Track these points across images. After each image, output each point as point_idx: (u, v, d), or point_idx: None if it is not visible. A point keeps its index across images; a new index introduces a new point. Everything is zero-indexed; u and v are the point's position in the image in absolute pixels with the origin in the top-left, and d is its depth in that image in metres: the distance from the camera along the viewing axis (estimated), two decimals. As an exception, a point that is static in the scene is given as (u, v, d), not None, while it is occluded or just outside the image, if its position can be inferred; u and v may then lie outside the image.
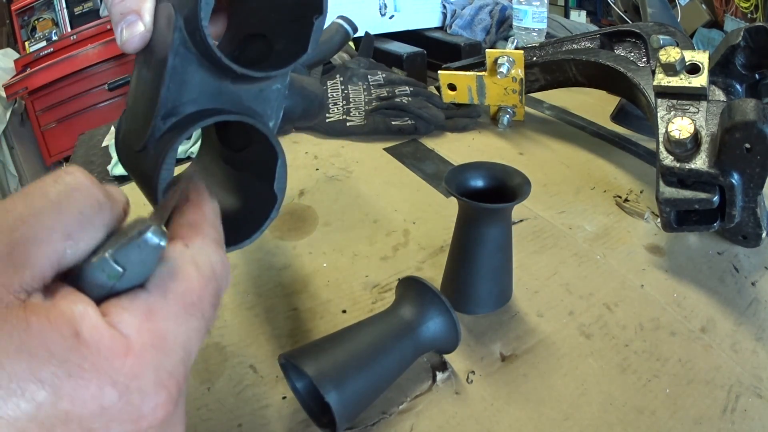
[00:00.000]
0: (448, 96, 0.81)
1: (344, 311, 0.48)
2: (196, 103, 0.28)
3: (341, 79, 0.88)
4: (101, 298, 0.20)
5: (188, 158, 0.75)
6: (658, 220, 0.55)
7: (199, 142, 0.76)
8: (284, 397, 0.40)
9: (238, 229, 0.32)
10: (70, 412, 0.17)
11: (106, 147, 0.85)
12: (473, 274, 0.46)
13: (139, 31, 0.28)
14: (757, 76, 0.57)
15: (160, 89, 0.27)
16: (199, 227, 0.23)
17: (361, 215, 0.61)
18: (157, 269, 0.21)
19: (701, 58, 0.54)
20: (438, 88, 0.82)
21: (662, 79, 0.54)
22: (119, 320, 0.19)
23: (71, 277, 0.20)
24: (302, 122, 0.43)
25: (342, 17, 0.53)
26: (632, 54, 0.67)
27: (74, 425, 0.17)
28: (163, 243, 0.20)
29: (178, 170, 0.27)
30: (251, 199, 0.32)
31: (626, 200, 0.64)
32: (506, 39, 1.07)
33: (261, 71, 0.29)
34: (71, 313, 0.18)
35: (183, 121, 0.28)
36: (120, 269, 0.19)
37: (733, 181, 0.47)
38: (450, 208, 0.62)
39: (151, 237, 0.19)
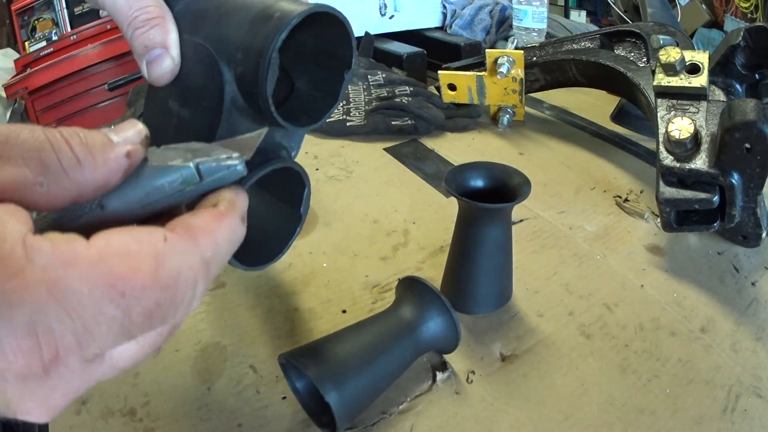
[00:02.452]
0: (448, 96, 0.81)
1: (344, 311, 0.48)
2: None
3: (341, 79, 0.88)
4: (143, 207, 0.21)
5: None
6: (658, 220, 0.55)
7: None
8: (284, 397, 0.40)
9: (261, 248, 0.33)
10: None
11: (106, 147, 0.85)
12: (473, 274, 0.46)
13: (168, 66, 0.27)
14: (757, 76, 0.57)
15: (214, 138, 0.28)
16: (201, 235, 0.21)
17: (361, 215, 0.61)
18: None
19: (701, 58, 0.54)
20: (438, 88, 0.82)
21: (662, 79, 0.54)
22: (38, 245, 0.17)
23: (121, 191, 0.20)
24: None
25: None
26: (632, 54, 0.67)
27: None
28: (244, 173, 0.22)
29: None
30: (275, 219, 0.34)
31: (626, 200, 0.64)
32: (506, 39, 1.07)
33: (305, 125, 0.31)
34: None
35: None
36: (198, 179, 0.21)
37: (733, 181, 0.47)
38: (450, 208, 0.62)
39: (241, 168, 0.22)
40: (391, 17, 1.12)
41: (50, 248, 0.17)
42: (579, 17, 2.71)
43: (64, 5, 2.68)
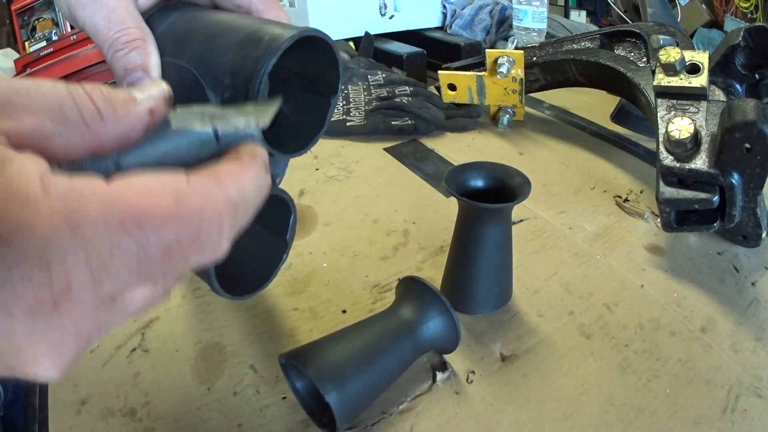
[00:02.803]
0: (448, 96, 0.81)
1: (344, 311, 0.48)
2: None
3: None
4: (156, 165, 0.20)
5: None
6: (658, 220, 0.55)
7: None
8: (284, 397, 0.40)
9: (248, 277, 0.33)
10: None
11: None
12: (473, 274, 0.46)
13: None
14: (757, 76, 0.57)
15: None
16: (226, 179, 0.21)
17: (361, 215, 0.61)
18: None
19: (701, 58, 0.54)
20: (438, 88, 0.82)
21: (662, 79, 0.54)
22: (55, 179, 0.17)
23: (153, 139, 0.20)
24: None
25: None
26: (632, 54, 0.67)
27: None
28: (260, 140, 0.23)
29: None
30: (261, 247, 0.33)
31: (626, 200, 0.64)
32: (506, 39, 1.07)
33: (292, 152, 0.31)
34: (13, 152, 0.17)
35: None
36: (215, 143, 0.22)
37: (733, 181, 0.47)
38: (450, 208, 0.62)
39: (257, 135, 0.23)
40: (391, 17, 1.12)
41: (67, 182, 0.17)
42: (579, 17, 2.71)
43: (64, 5, 2.68)
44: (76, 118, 0.19)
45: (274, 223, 0.33)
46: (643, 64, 0.64)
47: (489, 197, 0.44)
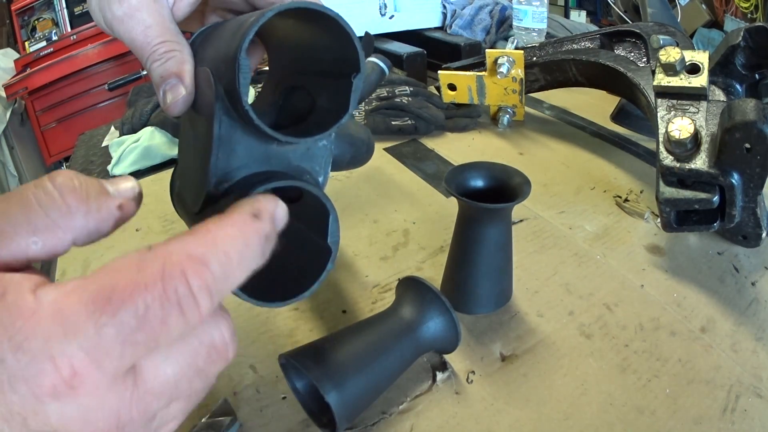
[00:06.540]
0: (448, 96, 0.81)
1: (344, 311, 0.48)
2: (247, 168, 0.29)
3: (341, 79, 0.88)
4: None
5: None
6: (658, 220, 0.55)
7: None
8: (284, 397, 0.40)
9: (293, 280, 0.31)
10: None
11: (106, 147, 0.85)
12: (473, 274, 0.46)
13: (181, 95, 0.29)
14: (757, 76, 0.57)
15: (209, 158, 0.27)
16: (190, 237, 0.20)
17: (361, 215, 0.61)
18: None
19: (701, 58, 0.54)
20: (438, 88, 0.83)
21: (662, 79, 0.54)
22: (44, 291, 0.19)
23: None
24: (351, 167, 0.44)
25: (377, 56, 0.60)
26: (632, 54, 0.67)
27: None
28: None
29: None
30: (305, 249, 0.32)
31: (626, 200, 0.64)
32: (506, 39, 1.07)
33: (304, 137, 0.29)
34: (8, 278, 0.19)
35: (236, 186, 0.28)
36: None
37: (733, 181, 0.47)
38: (450, 208, 0.62)
39: None
40: (391, 17, 1.12)
41: (54, 288, 0.19)
42: (579, 17, 2.71)
43: (64, 5, 2.68)
44: (44, 222, 0.21)
45: (319, 227, 0.31)
46: (643, 64, 0.64)
47: (489, 197, 0.44)
